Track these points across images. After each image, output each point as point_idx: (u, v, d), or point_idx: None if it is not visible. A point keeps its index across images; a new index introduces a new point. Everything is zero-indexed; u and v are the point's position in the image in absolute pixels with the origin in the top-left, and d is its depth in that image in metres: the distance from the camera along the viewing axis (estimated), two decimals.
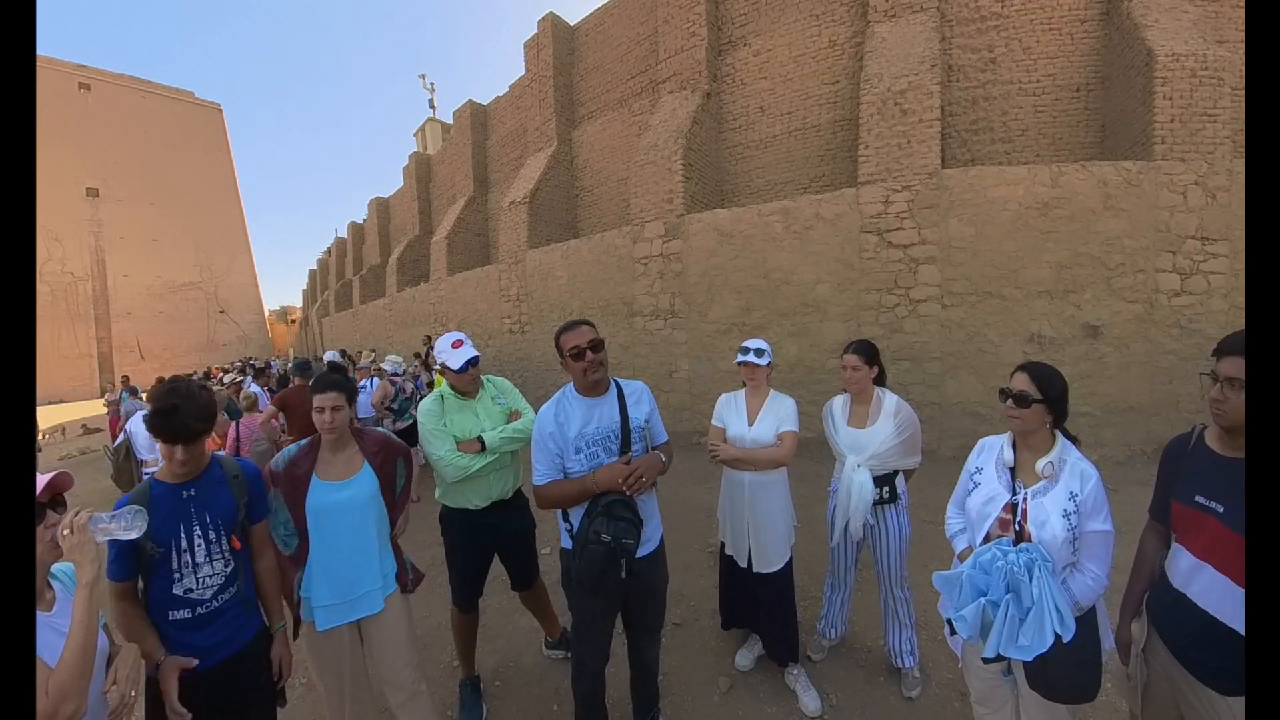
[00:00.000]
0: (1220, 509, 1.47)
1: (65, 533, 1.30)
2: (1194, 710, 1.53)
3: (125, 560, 1.69)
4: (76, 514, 1.33)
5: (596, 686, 2.30)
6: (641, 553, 2.12)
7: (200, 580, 1.76)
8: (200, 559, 1.77)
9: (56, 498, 1.39)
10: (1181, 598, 1.55)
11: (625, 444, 2.14)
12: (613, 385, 2.23)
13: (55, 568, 1.42)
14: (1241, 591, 1.40)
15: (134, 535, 1.42)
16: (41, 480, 1.34)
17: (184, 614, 1.75)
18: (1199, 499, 1.53)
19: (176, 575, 1.73)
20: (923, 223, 6.68)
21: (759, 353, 2.79)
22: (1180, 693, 1.57)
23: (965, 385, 6.67)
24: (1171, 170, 6.19)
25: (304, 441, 2.23)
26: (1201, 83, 6.25)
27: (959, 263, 6.62)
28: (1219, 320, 6.05)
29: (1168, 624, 1.61)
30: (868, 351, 2.76)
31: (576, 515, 2.11)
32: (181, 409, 1.69)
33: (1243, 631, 1.40)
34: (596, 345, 2.13)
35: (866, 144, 7.08)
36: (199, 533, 1.77)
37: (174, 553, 1.73)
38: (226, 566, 1.82)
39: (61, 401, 28.12)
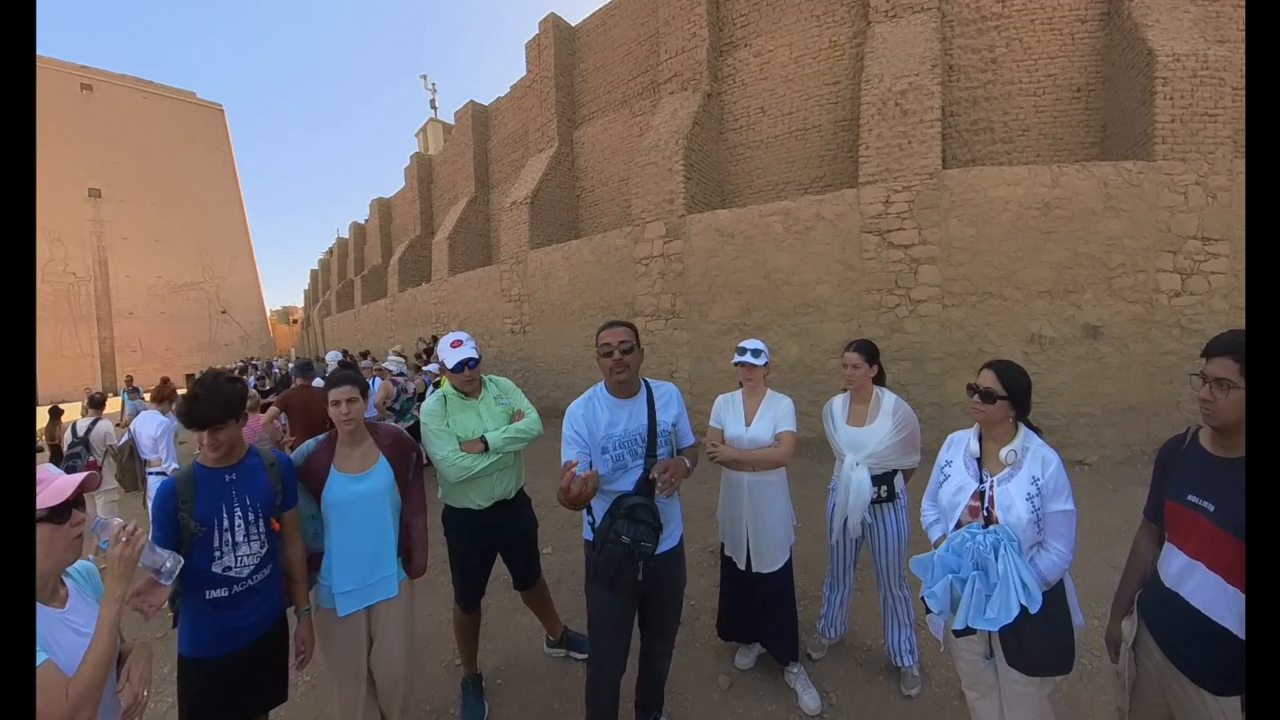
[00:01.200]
0: (1211, 508, 1.48)
1: (122, 540, 1.39)
2: (1183, 708, 1.54)
3: (167, 539, 1.80)
4: (135, 529, 1.40)
5: (613, 702, 2.27)
6: (660, 549, 2.14)
7: (239, 559, 1.89)
8: (239, 538, 1.89)
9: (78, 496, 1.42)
10: (1174, 596, 1.56)
11: (651, 447, 2.16)
12: (643, 388, 2.25)
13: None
14: (1232, 589, 1.41)
15: (164, 581, 1.64)
16: (73, 481, 1.36)
17: (221, 592, 1.86)
18: (1191, 498, 1.54)
19: (217, 554, 1.85)
20: (923, 223, 6.69)
21: (756, 353, 2.79)
22: (1170, 691, 1.58)
23: (965, 385, 6.66)
24: (1172, 170, 6.20)
25: (321, 437, 2.32)
26: (1202, 83, 6.25)
27: (959, 263, 6.62)
28: (1220, 320, 6.05)
29: (1160, 622, 1.62)
30: (868, 350, 2.79)
31: (599, 509, 2.12)
32: (202, 399, 1.83)
33: (1234, 629, 1.41)
34: (626, 348, 2.13)
35: (867, 144, 7.09)
36: (239, 514, 1.90)
37: (216, 531, 1.86)
38: (262, 548, 1.95)
39: (64, 402, 28.19)
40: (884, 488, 2.72)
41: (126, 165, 34.27)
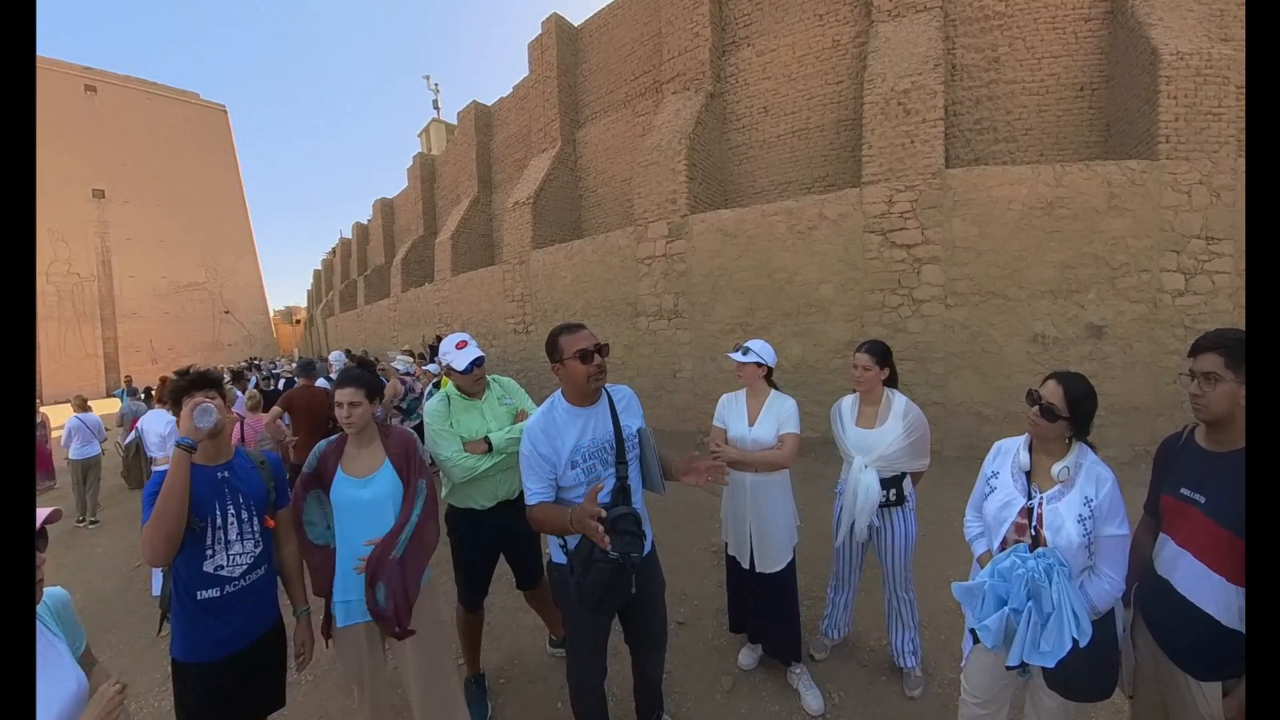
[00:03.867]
0: (1202, 500, 1.54)
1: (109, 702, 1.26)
2: (1172, 693, 1.61)
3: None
4: (122, 695, 1.28)
5: (601, 705, 2.24)
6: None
7: (231, 558, 1.86)
8: (232, 536, 1.87)
9: (39, 530, 1.35)
10: (1164, 584, 1.63)
11: (620, 454, 2.08)
12: (603, 393, 2.15)
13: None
14: (1217, 578, 1.48)
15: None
16: (38, 516, 1.31)
17: (213, 593, 1.83)
18: (1184, 491, 1.61)
19: (209, 552, 1.82)
20: (926, 222, 6.68)
21: (744, 351, 2.80)
22: (1161, 676, 1.64)
23: (969, 385, 6.67)
24: (1176, 169, 6.18)
25: (334, 437, 2.29)
26: (1206, 81, 6.23)
27: (962, 263, 6.61)
28: (1224, 320, 6.02)
29: (1152, 608, 1.69)
30: (880, 352, 2.75)
31: None
32: (194, 370, 1.95)
33: (1217, 616, 1.48)
34: (603, 349, 2.03)
35: (870, 144, 7.08)
36: (233, 511, 1.88)
37: (209, 528, 1.82)
38: (256, 547, 1.93)
39: (67, 402, 28.28)
40: (892, 491, 2.70)
41: (130, 166, 34.34)
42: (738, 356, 2.80)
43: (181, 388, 1.91)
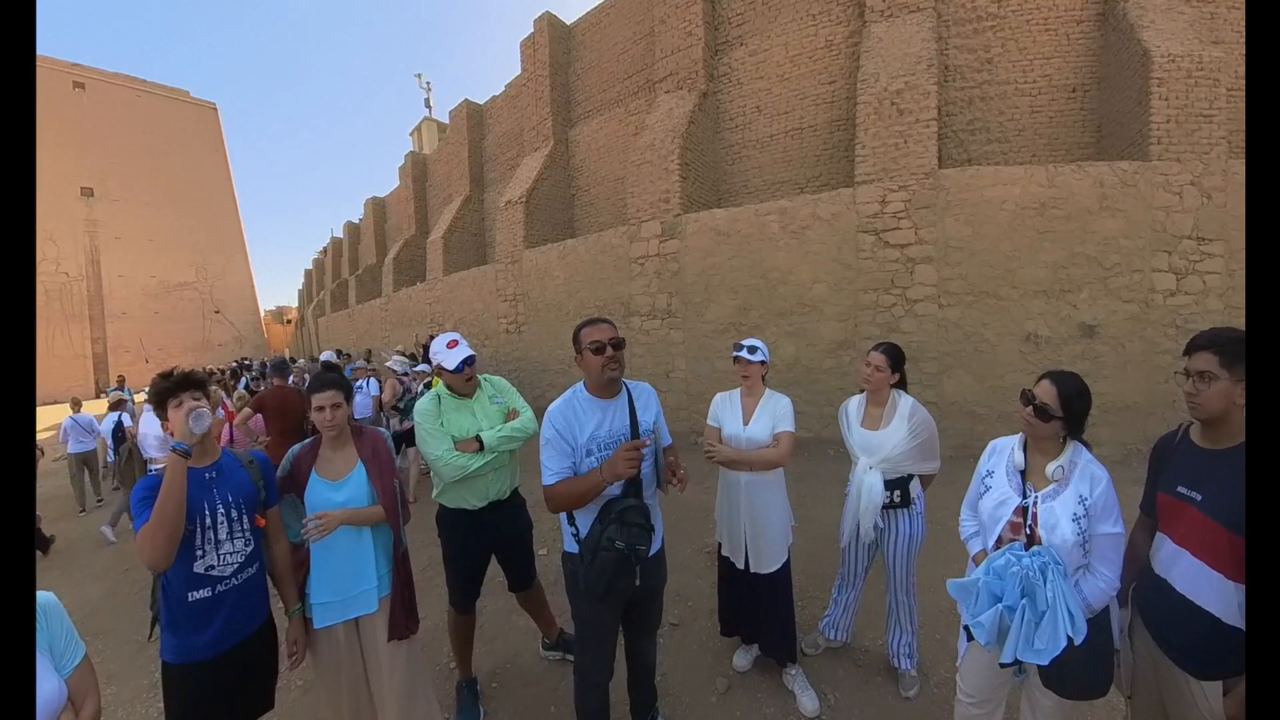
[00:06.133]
0: (1199, 497, 1.55)
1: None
2: (1170, 692, 1.60)
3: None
4: None
5: (603, 703, 2.25)
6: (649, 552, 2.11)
7: (221, 557, 1.85)
8: (223, 536, 1.86)
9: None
10: (1162, 583, 1.62)
11: None
12: (623, 388, 2.21)
13: None
14: (1215, 575, 1.48)
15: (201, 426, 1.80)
16: None
17: (204, 593, 1.82)
18: (1180, 489, 1.61)
19: (199, 552, 1.81)
20: (919, 222, 6.69)
21: (751, 349, 2.78)
22: (1160, 675, 1.64)
23: (962, 385, 6.68)
24: (1167, 170, 6.21)
25: (307, 441, 2.29)
26: (1197, 83, 6.27)
27: (956, 262, 6.63)
28: (1215, 320, 6.06)
29: (1149, 608, 1.68)
30: (894, 355, 2.73)
31: (583, 519, 2.06)
32: (179, 369, 1.97)
33: (1217, 614, 1.48)
34: (618, 343, 2.09)
35: (863, 144, 7.08)
36: (222, 511, 1.87)
37: (199, 529, 1.81)
38: (247, 546, 1.93)
39: (56, 403, 27.95)
40: (897, 492, 2.67)
41: (119, 164, 33.99)
42: (748, 356, 2.78)
43: (166, 390, 1.89)
